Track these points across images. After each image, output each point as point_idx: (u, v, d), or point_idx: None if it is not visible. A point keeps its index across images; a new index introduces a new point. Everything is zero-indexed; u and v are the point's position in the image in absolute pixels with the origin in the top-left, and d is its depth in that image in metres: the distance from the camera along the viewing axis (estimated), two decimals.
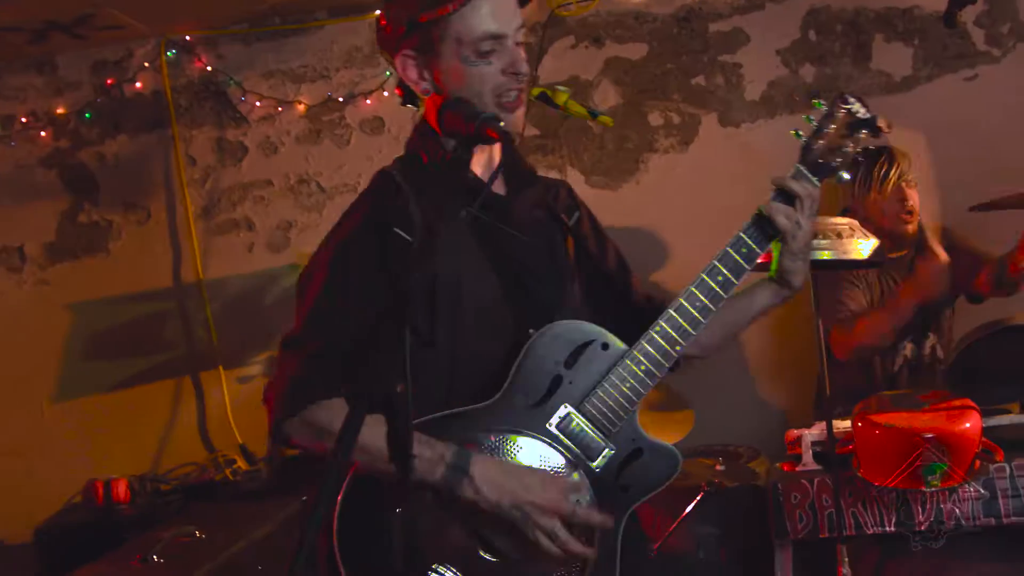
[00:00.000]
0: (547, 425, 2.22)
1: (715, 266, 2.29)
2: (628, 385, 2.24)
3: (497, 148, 2.35)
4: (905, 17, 4.97)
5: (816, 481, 3.50)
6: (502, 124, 2.07)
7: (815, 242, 3.26)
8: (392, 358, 1.65)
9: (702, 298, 2.28)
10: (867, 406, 3.56)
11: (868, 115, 2.39)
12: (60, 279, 5.07)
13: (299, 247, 5.04)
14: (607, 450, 2.25)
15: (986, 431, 3.37)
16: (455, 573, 2.13)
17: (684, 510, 3.83)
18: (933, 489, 3.26)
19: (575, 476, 2.22)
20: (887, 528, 3.44)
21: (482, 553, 2.16)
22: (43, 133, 4.98)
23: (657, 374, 2.26)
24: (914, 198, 4.19)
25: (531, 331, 2.26)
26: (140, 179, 5.04)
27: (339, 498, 2.09)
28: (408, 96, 2.37)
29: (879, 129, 2.40)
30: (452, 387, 2.23)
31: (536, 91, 2.32)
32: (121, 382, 5.07)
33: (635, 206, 5.06)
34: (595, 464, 2.25)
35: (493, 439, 2.20)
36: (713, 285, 2.28)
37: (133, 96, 5.01)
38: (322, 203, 5.04)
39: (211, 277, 5.06)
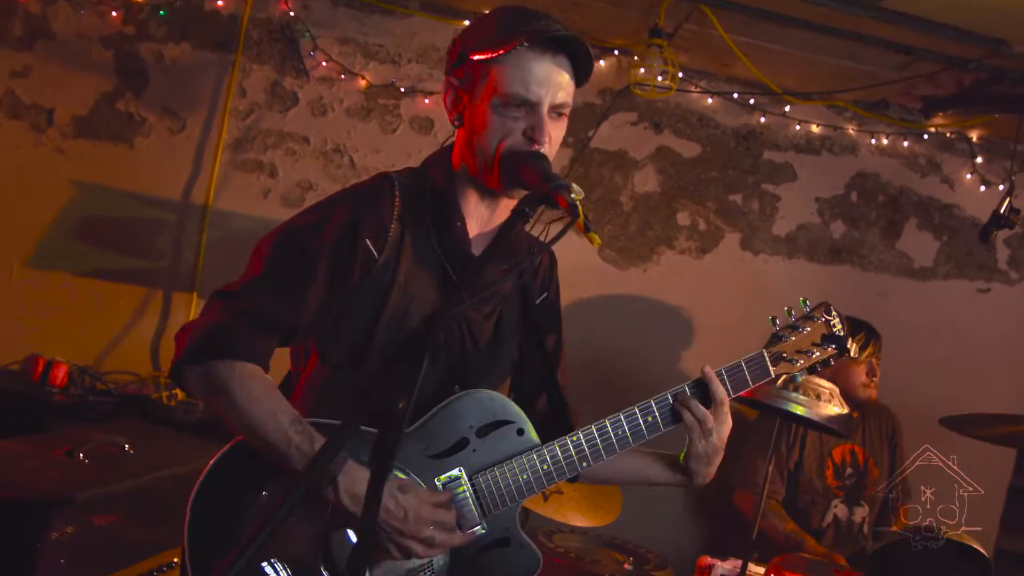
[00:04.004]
0: (436, 479, 2.24)
1: (643, 407, 2.33)
2: (525, 477, 2.27)
3: (503, 208, 2.35)
4: (943, 212, 5.11)
5: None
6: (573, 196, 2.12)
7: (793, 395, 3.39)
8: (403, 374, 1.66)
9: (625, 429, 2.31)
10: (784, 561, 3.66)
11: (843, 334, 2.44)
12: (76, 153, 5.05)
13: None
14: (479, 528, 2.26)
15: None
16: (285, 570, 2.14)
17: None
18: None
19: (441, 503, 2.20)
20: None
21: (322, 569, 2.16)
22: (114, 13, 4.98)
23: (556, 478, 2.29)
24: (879, 372, 4.47)
25: (456, 388, 2.29)
26: (188, 90, 5.05)
27: (207, 468, 2.13)
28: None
29: (847, 351, 2.45)
30: (360, 410, 2.19)
31: None
32: (96, 271, 5.05)
33: (634, 292, 5.14)
34: None
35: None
36: (639, 423, 2.32)
37: (211, 12, 5.03)
38: (348, 177, 5.08)
39: (219, 207, 5.07)
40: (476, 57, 2.21)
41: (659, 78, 4.54)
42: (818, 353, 2.43)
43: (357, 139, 5.13)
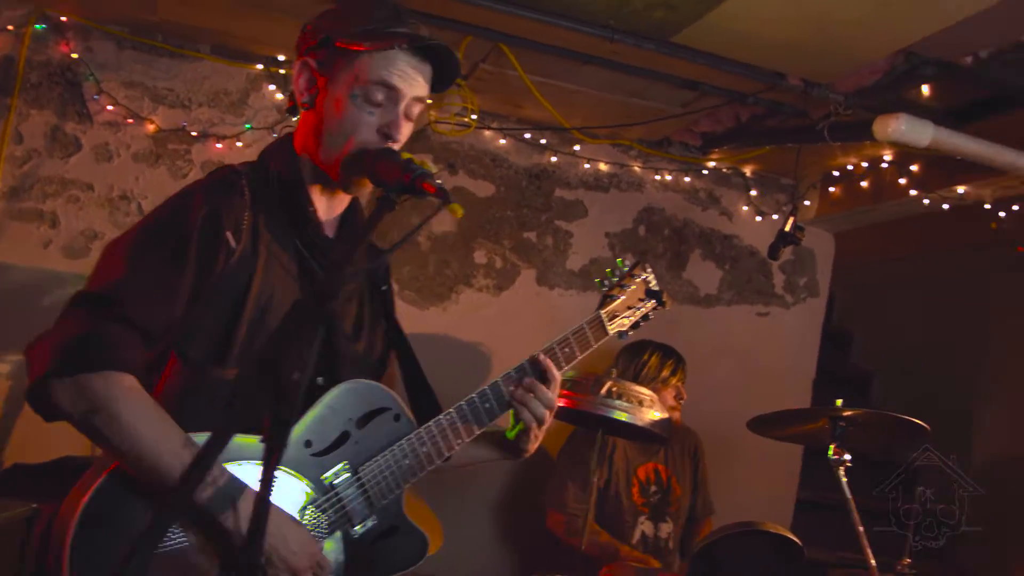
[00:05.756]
0: (322, 476, 2.20)
1: (504, 377, 2.42)
2: (408, 462, 2.28)
3: (343, 197, 2.35)
4: (724, 242, 5.43)
5: None
6: (440, 182, 2.15)
7: (616, 402, 3.52)
8: (298, 347, 1.60)
9: (491, 400, 2.39)
10: (613, 571, 3.75)
11: (658, 288, 2.71)
12: None
13: None
14: (370, 519, 2.26)
15: None
16: None
17: None
18: None
19: (328, 546, 2.19)
20: None
21: None
22: None
23: (435, 459, 2.31)
24: (684, 396, 4.69)
25: (319, 379, 2.25)
26: None
27: (87, 496, 1.95)
28: (294, 107, 2.37)
29: (664, 303, 2.72)
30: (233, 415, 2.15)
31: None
32: None
33: (435, 331, 5.17)
34: (355, 529, 2.24)
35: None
36: (502, 391, 2.40)
37: None
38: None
39: None
40: (342, 46, 2.21)
41: (456, 115, 4.65)
42: (643, 309, 2.66)
43: (145, 185, 4.94)
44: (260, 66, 5.01)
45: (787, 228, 4.27)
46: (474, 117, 4.92)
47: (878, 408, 3.79)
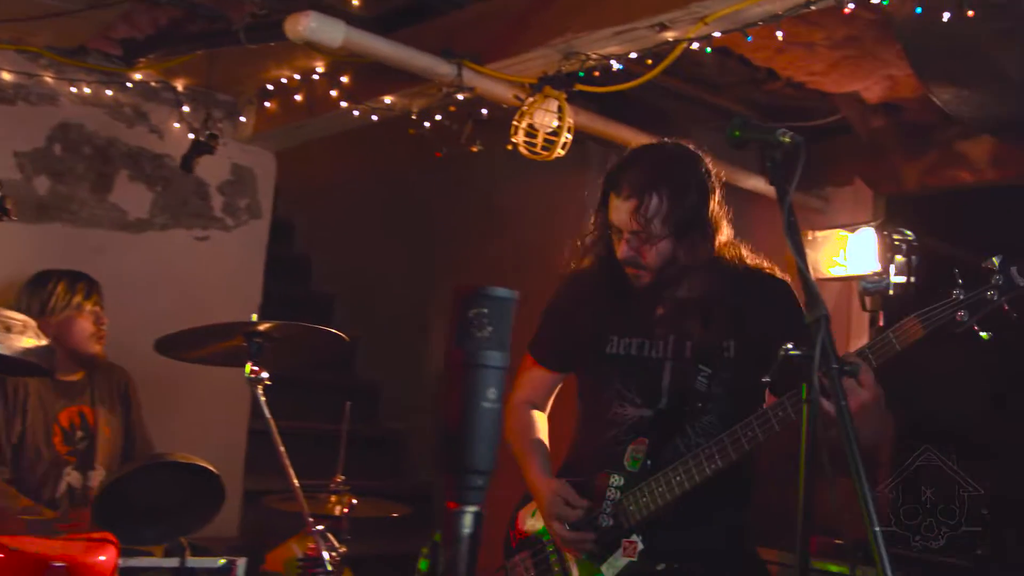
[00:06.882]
0: None
1: None
2: None
3: None
4: (154, 162, 5.03)
5: None
6: None
7: None
8: None
9: None
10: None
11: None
12: None
13: None
14: None
15: (125, 572, 3.27)
16: None
17: None
18: None
19: None
20: None
21: None
22: None
23: None
24: (105, 321, 4.29)
25: None
26: None
27: None
28: None
29: (6, 211, 2.40)
30: None
31: None
32: None
33: None
34: None
35: None
36: None
37: None
38: None
39: None
40: None
41: None
42: None
43: None
44: None
45: (202, 138, 3.97)
46: None
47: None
